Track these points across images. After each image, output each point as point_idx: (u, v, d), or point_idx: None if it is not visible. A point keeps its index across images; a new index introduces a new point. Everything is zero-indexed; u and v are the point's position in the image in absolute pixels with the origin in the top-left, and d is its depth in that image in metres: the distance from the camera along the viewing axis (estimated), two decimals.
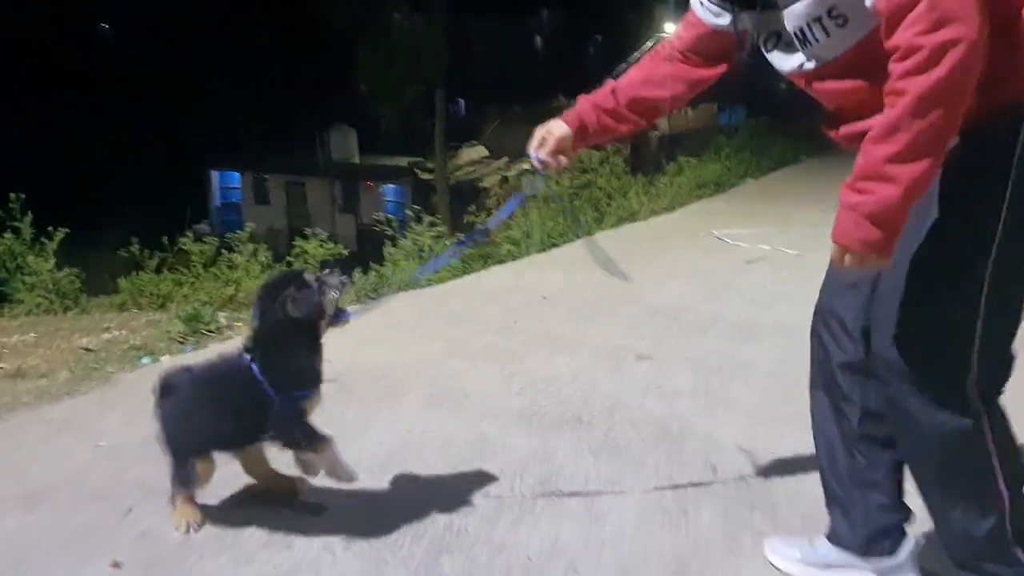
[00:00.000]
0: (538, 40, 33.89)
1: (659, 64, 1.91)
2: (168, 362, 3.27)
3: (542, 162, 1.93)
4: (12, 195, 4.57)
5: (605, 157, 8.17)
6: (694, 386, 2.97)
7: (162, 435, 1.94)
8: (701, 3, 1.76)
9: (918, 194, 1.35)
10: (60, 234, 4.62)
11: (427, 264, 4.90)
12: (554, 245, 6.12)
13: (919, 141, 1.32)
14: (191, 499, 1.98)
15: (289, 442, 1.93)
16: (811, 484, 1.92)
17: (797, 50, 1.55)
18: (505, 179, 22.64)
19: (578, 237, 6.18)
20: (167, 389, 1.96)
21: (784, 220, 6.04)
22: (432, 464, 2.38)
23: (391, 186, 22.54)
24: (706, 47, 1.83)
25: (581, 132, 1.92)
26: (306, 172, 22.85)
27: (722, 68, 1.86)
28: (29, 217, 4.60)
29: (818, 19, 1.45)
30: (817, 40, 1.48)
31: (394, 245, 5.78)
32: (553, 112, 2.07)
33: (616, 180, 7.76)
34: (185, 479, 1.94)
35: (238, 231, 5.75)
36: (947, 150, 1.36)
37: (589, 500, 2.17)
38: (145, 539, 1.97)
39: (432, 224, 5.96)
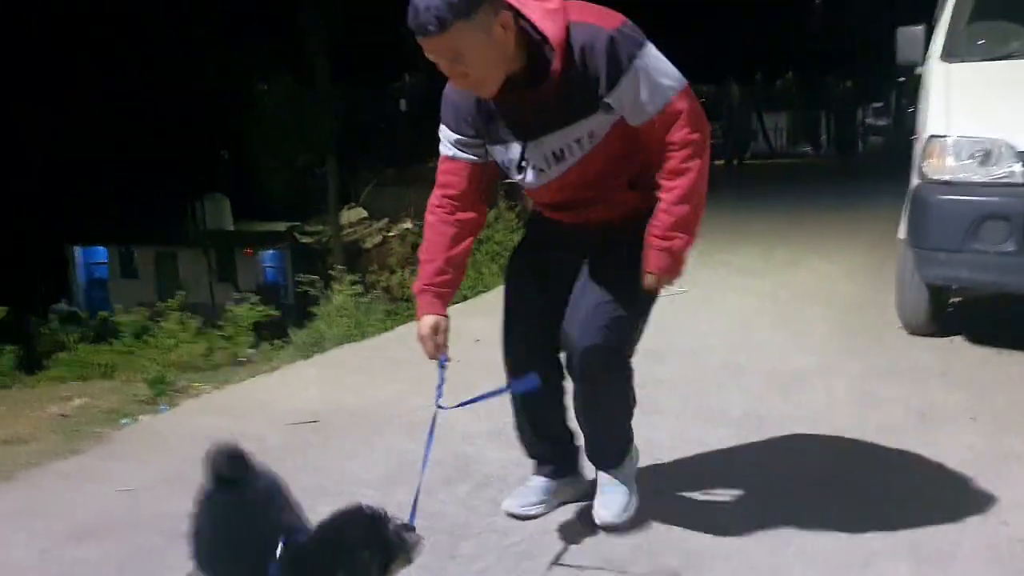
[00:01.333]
0: (403, 103, 34.70)
1: (448, 223, 2.16)
2: (141, 425, 3.54)
3: (447, 360, 2.16)
4: None
5: (498, 214, 8.82)
6: None
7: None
8: (457, 146, 2.12)
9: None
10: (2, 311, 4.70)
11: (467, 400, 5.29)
12: (465, 297, 6.64)
13: (701, 203, 2.05)
14: None
15: None
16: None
17: (544, 168, 2.08)
18: (385, 239, 23.08)
19: (486, 288, 6.75)
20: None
21: None
22: (428, 478, 2.83)
23: (269, 252, 22.42)
24: (474, 186, 2.16)
25: (446, 309, 2.18)
26: (177, 242, 22.37)
27: (484, 207, 2.25)
28: None
29: (578, 140, 2.02)
30: (573, 154, 2.05)
31: (316, 304, 6.14)
32: (428, 171, 2.43)
33: (511, 234, 8.41)
34: None
35: (106, 310, 5.87)
36: None
37: None
38: None
39: (353, 283, 6.36)
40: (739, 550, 2.28)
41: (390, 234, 23.26)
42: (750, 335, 4.60)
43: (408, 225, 22.81)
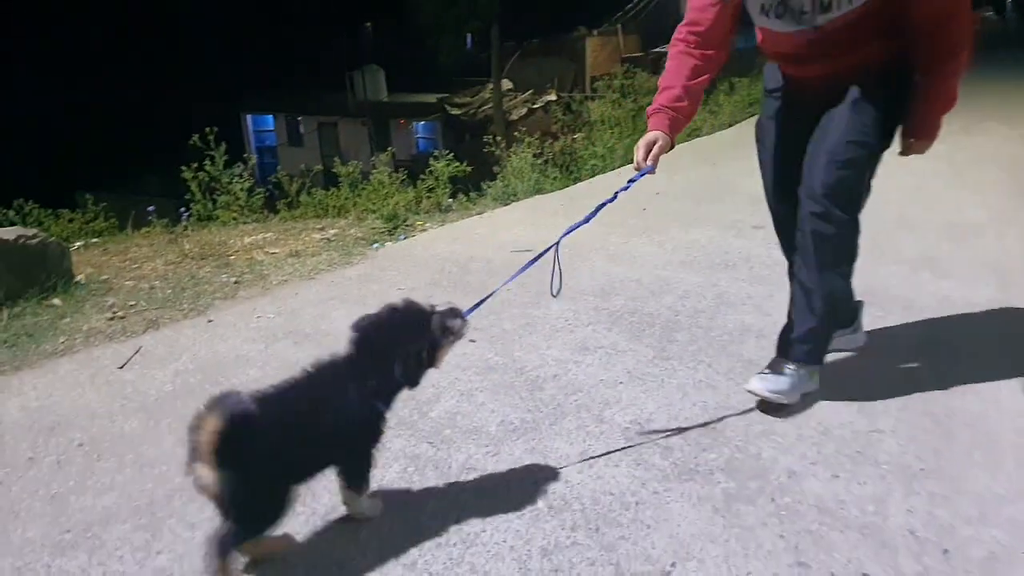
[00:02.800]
0: None
1: (692, 56, 2.26)
2: (390, 248, 4.32)
3: (653, 169, 2.24)
4: (207, 128, 5.57)
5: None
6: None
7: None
8: None
9: None
10: (253, 158, 5.63)
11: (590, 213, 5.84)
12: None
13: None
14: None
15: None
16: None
17: (807, 11, 2.12)
18: (530, 111, 23.44)
19: None
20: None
21: None
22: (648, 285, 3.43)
23: (421, 123, 23.31)
24: (720, 26, 2.23)
25: (674, 135, 2.28)
26: (337, 112, 23.60)
27: (727, 48, 2.29)
28: (223, 146, 5.60)
29: None
30: (840, 7, 2.08)
31: (500, 165, 6.78)
32: (573, 42, 2.60)
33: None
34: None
35: (274, 174, 6.43)
36: None
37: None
38: (493, 320, 3.03)
39: (530, 144, 6.92)
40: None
41: (535, 106, 23.62)
42: (926, 192, 4.85)
43: (552, 97, 23.07)
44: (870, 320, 3.00)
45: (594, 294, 3.39)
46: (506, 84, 26.03)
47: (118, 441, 2.33)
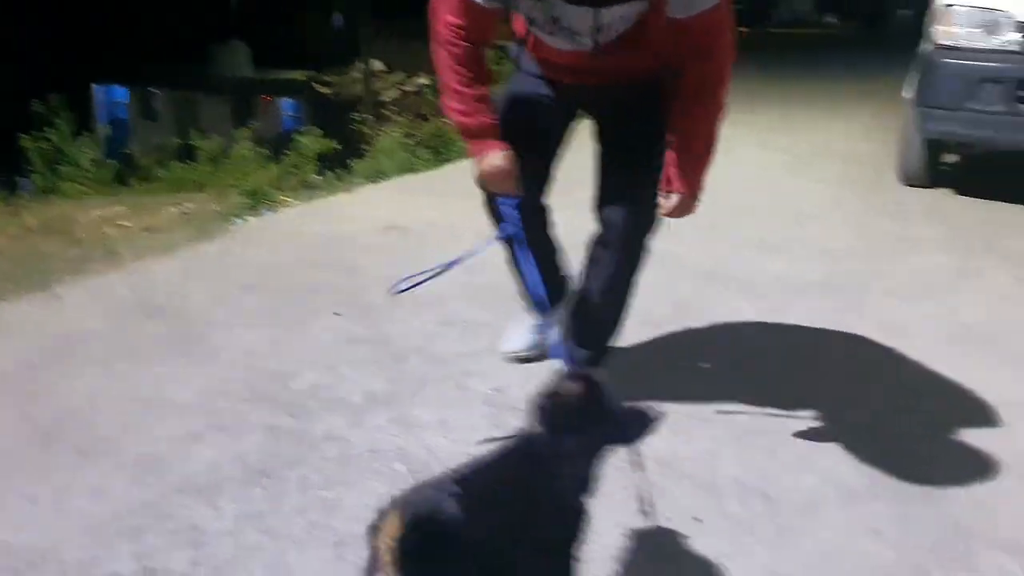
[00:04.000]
0: None
1: (465, 51, 2.03)
2: (252, 224, 4.22)
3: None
4: (52, 95, 5.21)
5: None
6: None
7: None
8: None
9: None
10: (104, 128, 5.29)
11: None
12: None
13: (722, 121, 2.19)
14: None
15: None
16: None
17: (581, 35, 1.97)
18: (404, 93, 23.19)
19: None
20: None
21: None
22: None
23: (288, 101, 22.57)
24: (486, 29, 2.05)
25: None
26: (196, 87, 22.46)
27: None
28: (69, 115, 5.26)
29: (624, 17, 1.91)
30: (614, 30, 1.95)
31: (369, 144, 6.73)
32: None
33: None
34: None
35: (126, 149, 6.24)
36: None
37: None
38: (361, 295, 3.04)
39: (402, 124, 6.90)
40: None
41: (407, 88, 23.41)
42: (767, 181, 5.23)
43: (425, 80, 22.97)
44: (712, 295, 3.24)
45: (461, 270, 3.45)
46: (378, 65, 25.67)
47: None
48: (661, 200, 2.15)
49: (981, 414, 2.37)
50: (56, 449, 2.06)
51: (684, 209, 2.15)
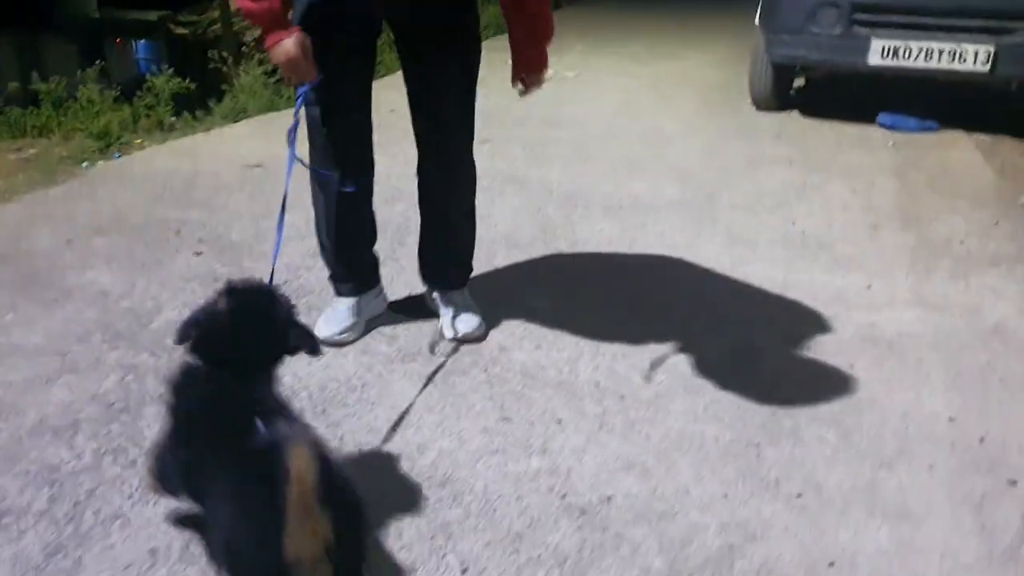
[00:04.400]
0: None
1: None
2: (103, 167, 4.00)
3: (319, 81, 1.99)
4: None
5: None
6: (524, 153, 4.30)
7: None
8: None
9: None
10: None
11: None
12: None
13: None
14: None
15: None
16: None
17: None
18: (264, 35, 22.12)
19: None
20: None
21: (558, 52, 7.41)
22: None
23: (142, 42, 21.11)
24: None
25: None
26: (37, 28, 20.65)
27: None
28: None
29: None
30: None
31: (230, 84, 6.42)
32: None
33: None
34: None
35: None
36: None
37: None
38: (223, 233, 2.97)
39: (261, 62, 6.61)
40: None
41: None
42: (631, 108, 5.37)
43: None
44: (576, 217, 3.36)
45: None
46: (234, 5, 24.36)
47: None
48: (519, 90, 2.28)
49: (812, 309, 2.60)
50: None
51: (536, 83, 2.27)
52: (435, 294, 2.45)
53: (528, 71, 2.23)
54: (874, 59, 4.50)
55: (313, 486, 1.12)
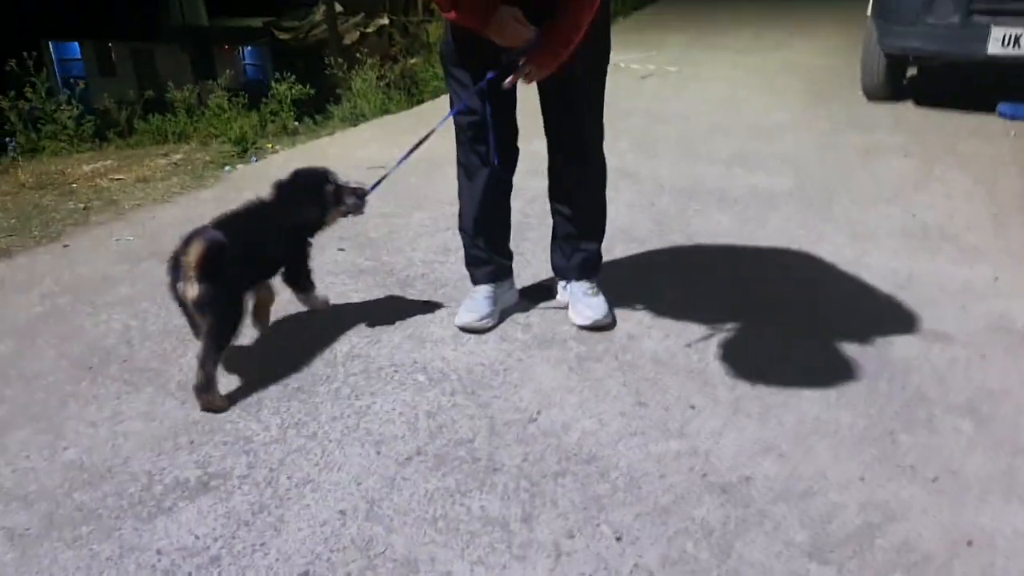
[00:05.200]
0: None
1: None
2: (243, 171, 4.32)
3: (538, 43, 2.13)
4: (25, 54, 5.19)
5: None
6: (632, 147, 4.40)
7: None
8: None
9: None
10: (81, 84, 5.32)
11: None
12: None
13: None
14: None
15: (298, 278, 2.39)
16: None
17: None
18: (363, 35, 22.80)
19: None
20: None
21: (659, 46, 7.47)
22: None
23: (248, 48, 22.11)
24: None
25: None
26: (151, 38, 21.89)
27: None
28: (44, 73, 5.25)
29: None
30: None
31: (348, 88, 6.76)
32: None
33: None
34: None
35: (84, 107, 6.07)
36: None
37: None
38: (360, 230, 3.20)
39: (374, 67, 6.92)
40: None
41: (367, 30, 22.99)
42: (738, 100, 5.39)
43: (384, 21, 22.57)
44: (691, 211, 3.44)
45: (450, 202, 3.60)
46: (336, 8, 25.13)
47: None
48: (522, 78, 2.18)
49: (938, 300, 2.62)
50: (102, 381, 2.23)
51: (537, 77, 2.20)
52: (565, 284, 2.60)
53: (541, 63, 2.15)
54: (994, 48, 4.39)
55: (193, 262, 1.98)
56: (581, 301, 2.52)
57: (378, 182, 2.54)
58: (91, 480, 1.82)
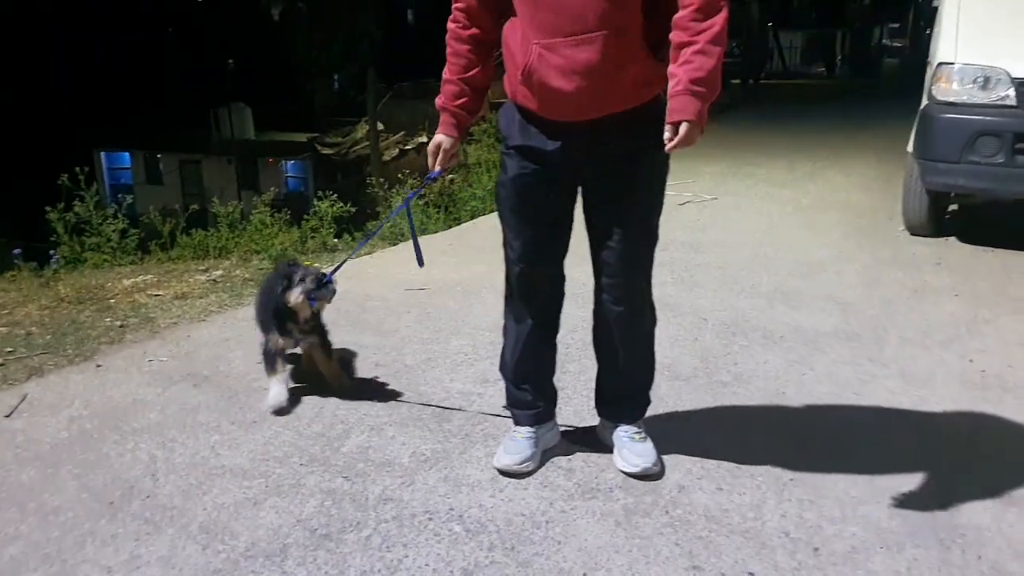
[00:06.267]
0: (410, 15, 34.60)
1: (462, 41, 2.18)
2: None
3: (441, 174, 2.31)
4: (77, 168, 5.37)
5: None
6: (672, 279, 4.34)
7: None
8: None
9: None
10: (129, 198, 5.48)
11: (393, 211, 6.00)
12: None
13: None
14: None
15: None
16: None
17: None
18: (402, 152, 23.63)
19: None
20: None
21: (695, 174, 7.55)
22: None
23: (291, 162, 22.96)
24: (485, 2, 2.13)
25: (461, 134, 2.25)
26: (200, 150, 22.85)
27: (497, 28, 2.14)
28: (94, 187, 5.41)
29: None
30: None
31: (389, 207, 6.90)
32: (436, 88, 2.28)
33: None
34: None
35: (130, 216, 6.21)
36: None
37: None
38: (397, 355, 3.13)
39: (412, 187, 7.06)
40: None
41: (407, 147, 23.85)
42: (776, 233, 5.36)
43: (424, 139, 23.42)
44: (736, 348, 3.34)
45: (488, 328, 3.55)
46: (378, 126, 26.21)
47: (17, 491, 2.26)
48: (667, 135, 1.98)
49: (1006, 460, 2.45)
50: (122, 518, 2.12)
51: (690, 138, 1.97)
52: (610, 427, 2.48)
53: (691, 114, 1.95)
54: None
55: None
56: (627, 447, 2.39)
57: (337, 267, 2.92)
58: None
